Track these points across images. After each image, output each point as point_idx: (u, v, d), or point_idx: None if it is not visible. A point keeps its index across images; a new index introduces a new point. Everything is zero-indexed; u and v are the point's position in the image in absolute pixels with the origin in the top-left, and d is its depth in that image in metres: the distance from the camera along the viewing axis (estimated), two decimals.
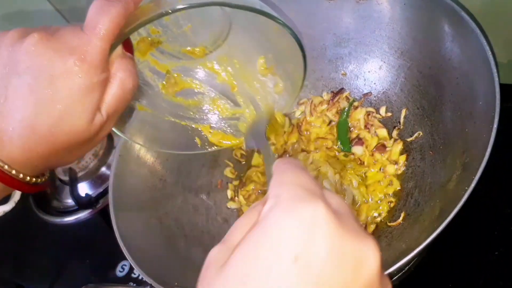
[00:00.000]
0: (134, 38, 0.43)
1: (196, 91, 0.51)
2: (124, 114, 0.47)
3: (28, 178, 0.37)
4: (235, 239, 0.23)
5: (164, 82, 0.48)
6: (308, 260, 0.20)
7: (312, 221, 0.20)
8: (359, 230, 0.22)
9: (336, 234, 0.20)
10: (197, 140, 0.52)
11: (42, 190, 0.40)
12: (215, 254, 0.23)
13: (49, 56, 0.32)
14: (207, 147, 0.52)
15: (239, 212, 0.64)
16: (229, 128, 0.52)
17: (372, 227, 0.55)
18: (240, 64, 0.49)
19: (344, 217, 0.22)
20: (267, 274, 0.20)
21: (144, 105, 0.48)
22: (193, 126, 0.51)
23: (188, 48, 0.47)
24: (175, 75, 0.49)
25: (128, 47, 0.37)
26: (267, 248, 0.20)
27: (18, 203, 0.85)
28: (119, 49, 0.35)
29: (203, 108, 0.51)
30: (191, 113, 0.51)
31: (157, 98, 0.49)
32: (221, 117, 0.51)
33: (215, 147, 0.52)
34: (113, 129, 0.45)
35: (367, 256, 0.21)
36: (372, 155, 0.60)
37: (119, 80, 0.35)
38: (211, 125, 0.52)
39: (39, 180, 0.39)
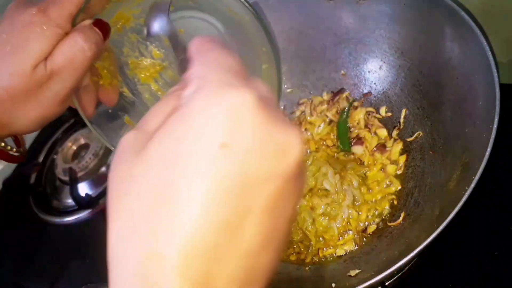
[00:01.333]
0: (128, 55, 0.44)
1: None
2: (116, 128, 0.47)
3: None
4: (153, 124, 0.22)
5: None
6: (234, 146, 0.19)
7: (240, 108, 0.20)
8: (285, 120, 0.21)
9: (263, 121, 0.20)
10: None
11: (19, 161, 0.44)
12: (130, 139, 0.22)
13: (17, 7, 0.36)
14: None
15: None
16: None
17: (373, 227, 0.55)
18: None
19: (271, 105, 0.21)
20: (191, 159, 0.19)
21: (134, 121, 0.47)
22: None
23: None
24: None
25: (101, 28, 0.39)
26: (192, 133, 0.19)
27: (19, 203, 0.85)
28: (87, 22, 0.38)
29: None
30: None
31: None
32: None
33: None
34: (106, 143, 0.45)
35: (291, 144, 0.21)
36: (372, 154, 0.60)
37: (71, 39, 0.36)
38: None
39: (13, 150, 0.41)
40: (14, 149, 0.43)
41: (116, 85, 0.45)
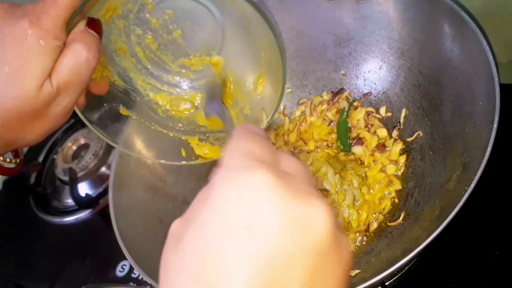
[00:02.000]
0: (116, 42, 0.43)
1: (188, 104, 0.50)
2: (115, 123, 0.47)
3: None
4: (191, 213, 0.23)
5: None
6: (258, 227, 0.20)
7: (257, 189, 0.20)
8: (309, 193, 0.22)
9: (283, 197, 0.20)
10: (183, 151, 0.51)
11: (12, 174, 0.41)
12: (174, 228, 0.23)
13: (3, 18, 0.33)
14: (193, 159, 0.51)
15: None
16: (216, 141, 0.51)
17: (374, 226, 0.55)
18: (233, 76, 0.48)
19: (294, 180, 0.22)
20: (221, 247, 0.20)
21: (129, 112, 0.47)
22: (182, 137, 0.51)
23: (186, 58, 0.47)
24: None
25: (95, 28, 0.37)
26: (217, 221, 0.20)
27: (19, 203, 0.85)
28: (82, 25, 0.35)
29: (194, 121, 0.51)
30: (181, 125, 0.50)
31: (145, 106, 0.48)
32: (210, 129, 0.51)
33: (200, 160, 0.51)
34: (105, 139, 0.44)
35: (315, 218, 0.21)
36: (372, 154, 0.60)
37: (73, 50, 0.34)
38: (200, 137, 0.51)
39: (7, 161, 0.39)
40: (13, 160, 0.41)
41: (107, 76, 0.44)
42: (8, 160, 0.40)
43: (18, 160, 0.41)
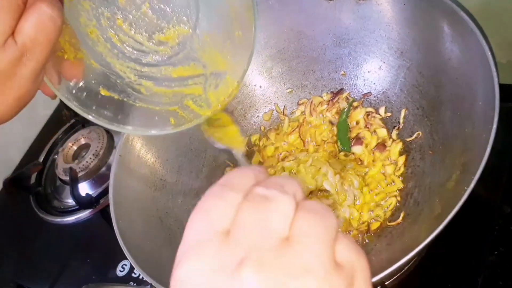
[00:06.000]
0: (87, 25, 0.42)
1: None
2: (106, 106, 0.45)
3: None
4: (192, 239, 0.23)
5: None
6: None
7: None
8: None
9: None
10: (171, 120, 0.49)
11: None
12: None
13: None
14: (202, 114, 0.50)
15: None
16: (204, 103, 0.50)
17: (375, 225, 0.55)
18: (210, 38, 0.48)
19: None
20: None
21: (110, 92, 0.46)
22: (169, 109, 0.49)
23: (159, 33, 0.46)
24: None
25: None
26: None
27: (19, 203, 0.85)
28: None
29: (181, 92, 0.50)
30: (167, 99, 0.49)
31: (127, 87, 0.47)
32: (197, 95, 0.50)
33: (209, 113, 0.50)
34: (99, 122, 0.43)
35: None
36: (372, 154, 0.60)
37: (36, 9, 0.33)
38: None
39: None
40: None
41: (82, 59, 0.43)
42: None
43: None
